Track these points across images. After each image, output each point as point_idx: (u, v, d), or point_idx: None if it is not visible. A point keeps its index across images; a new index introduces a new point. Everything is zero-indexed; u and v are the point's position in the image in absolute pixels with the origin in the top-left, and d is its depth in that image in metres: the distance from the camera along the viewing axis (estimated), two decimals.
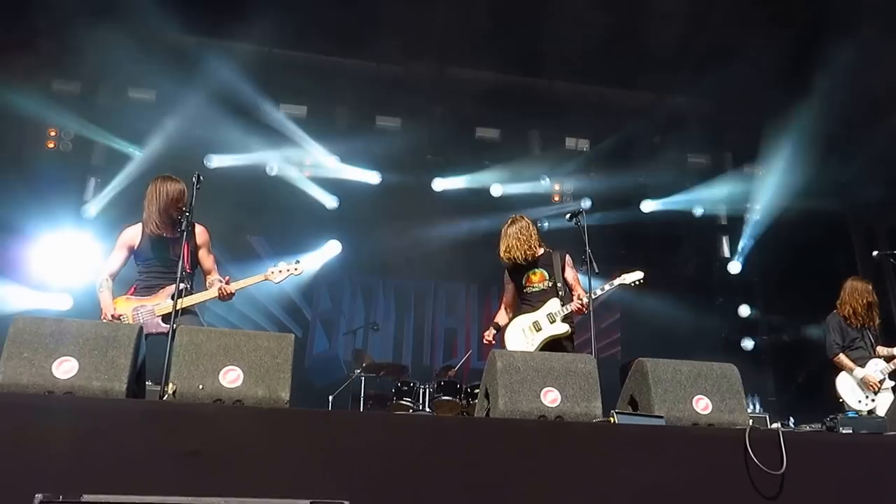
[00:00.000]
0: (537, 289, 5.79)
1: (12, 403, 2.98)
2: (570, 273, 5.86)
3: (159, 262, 4.93)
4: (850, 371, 6.55)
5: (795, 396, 10.12)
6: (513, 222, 5.96)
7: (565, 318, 5.62)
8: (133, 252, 4.99)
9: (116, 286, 4.97)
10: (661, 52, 9.09)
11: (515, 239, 5.80)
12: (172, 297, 4.50)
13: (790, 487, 3.28)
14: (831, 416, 3.77)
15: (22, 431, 2.82)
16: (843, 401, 6.49)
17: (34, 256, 8.95)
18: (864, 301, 6.70)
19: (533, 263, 5.83)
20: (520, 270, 5.87)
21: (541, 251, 5.86)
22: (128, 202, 9.36)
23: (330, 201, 10.44)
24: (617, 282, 5.73)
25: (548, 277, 5.80)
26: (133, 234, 5.00)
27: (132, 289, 4.93)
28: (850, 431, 3.66)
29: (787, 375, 10.59)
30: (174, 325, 3.92)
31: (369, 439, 3.13)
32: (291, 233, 10.13)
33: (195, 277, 5.10)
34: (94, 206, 9.55)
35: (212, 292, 4.87)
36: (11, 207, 8.74)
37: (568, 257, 5.91)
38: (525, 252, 5.75)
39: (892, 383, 6.46)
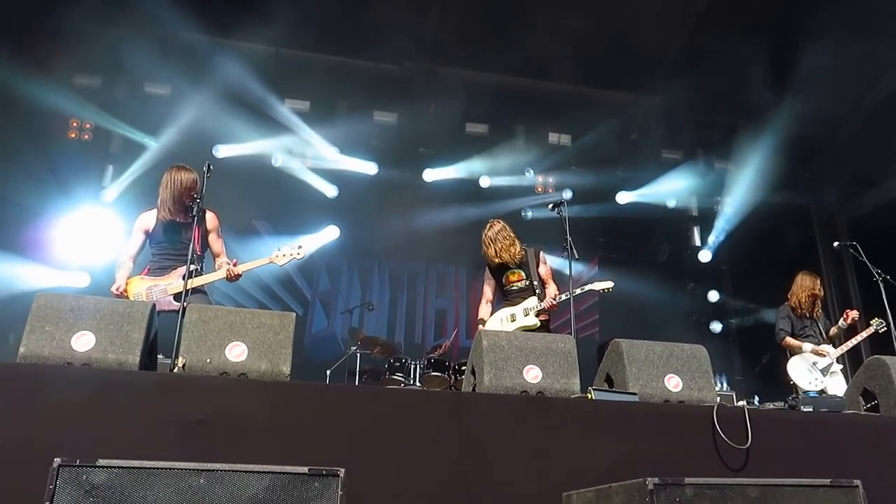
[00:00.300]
0: (516, 287, 5.89)
1: (34, 374, 2.97)
2: (543, 269, 5.92)
3: (171, 245, 4.91)
4: (800, 350, 6.58)
5: (760, 377, 10.17)
6: (492, 226, 6.02)
7: (539, 313, 5.70)
8: (148, 235, 4.96)
9: (136, 268, 4.96)
10: (639, 54, 9.08)
11: (502, 243, 5.87)
12: (183, 278, 4.48)
13: (755, 461, 3.30)
14: (793, 395, 3.79)
15: (43, 400, 2.82)
16: (794, 383, 6.51)
17: (55, 238, 8.89)
18: (809, 293, 6.80)
19: (516, 264, 5.88)
20: (501, 270, 5.93)
21: (521, 252, 5.92)
22: (143, 188, 9.30)
23: (330, 189, 10.42)
24: (587, 287, 5.74)
25: (525, 277, 5.89)
26: (148, 219, 4.98)
27: (146, 269, 4.91)
28: (811, 410, 3.68)
29: (753, 357, 10.65)
30: (185, 304, 3.90)
31: (364, 411, 3.13)
32: (294, 218, 10.11)
33: (205, 260, 5.08)
34: (112, 191, 9.49)
35: (220, 273, 4.85)
36: (34, 192, 8.71)
37: (542, 254, 5.96)
38: (513, 255, 5.84)
39: (841, 366, 6.53)
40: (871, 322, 6.49)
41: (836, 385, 6.36)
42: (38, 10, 8.23)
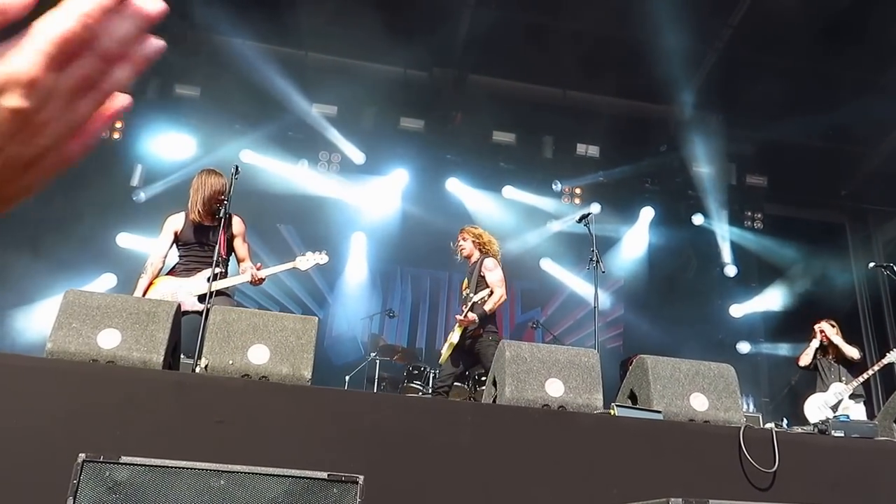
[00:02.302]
0: (464, 297, 5.80)
1: (60, 369, 3.02)
2: (487, 277, 5.72)
3: (199, 248, 4.97)
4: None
5: (789, 399, 10.04)
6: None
7: (469, 328, 5.56)
8: (176, 236, 5.03)
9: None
10: (670, 66, 9.05)
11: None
12: (208, 280, 4.54)
13: (782, 485, 3.25)
14: (823, 420, 3.73)
15: (68, 395, 2.86)
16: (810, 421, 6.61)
17: (84, 236, 9.03)
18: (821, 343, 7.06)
19: (469, 272, 5.82)
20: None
21: (475, 258, 5.82)
22: (171, 190, 9.49)
23: (354, 195, 10.49)
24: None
25: (467, 286, 5.81)
26: (177, 221, 5.05)
27: (172, 270, 4.97)
28: (842, 435, 3.62)
29: (781, 378, 10.51)
30: (209, 305, 3.95)
31: (384, 418, 3.13)
32: (318, 223, 10.18)
33: (230, 263, 5.14)
34: (143, 192, 9.64)
35: (245, 277, 4.90)
36: (64, 191, 8.86)
37: (486, 261, 5.79)
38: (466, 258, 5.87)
39: (856, 400, 6.55)
40: (888, 353, 6.51)
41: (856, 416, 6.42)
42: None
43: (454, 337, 5.57)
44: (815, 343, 6.98)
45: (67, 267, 8.48)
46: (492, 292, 5.55)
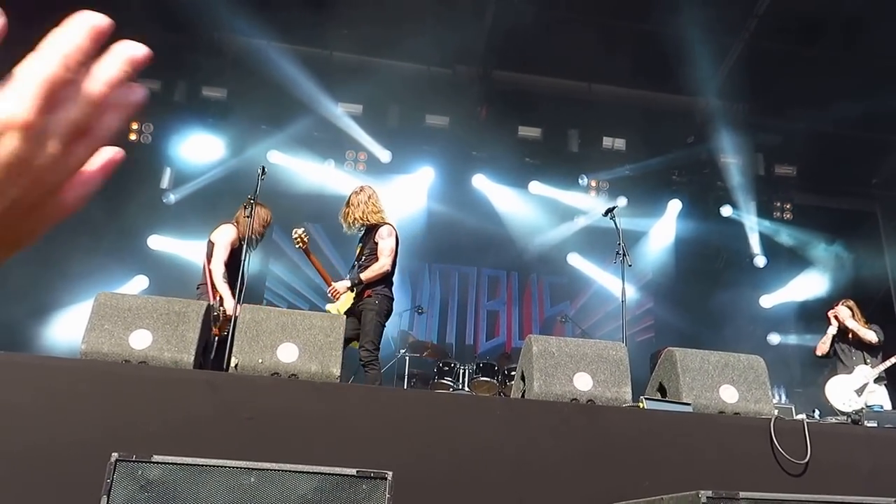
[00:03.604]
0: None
1: (94, 370, 3.07)
2: (379, 246, 5.26)
3: (236, 266, 5.05)
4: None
5: (821, 390, 9.86)
6: (361, 191, 5.64)
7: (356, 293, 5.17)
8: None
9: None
10: (696, 56, 8.93)
11: (352, 206, 5.51)
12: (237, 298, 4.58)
13: (814, 476, 3.19)
14: (856, 410, 3.66)
15: (102, 395, 2.90)
16: (832, 404, 6.48)
17: (116, 239, 9.18)
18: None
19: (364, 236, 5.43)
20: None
21: (373, 221, 5.41)
22: (200, 191, 9.62)
23: (381, 193, 10.47)
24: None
25: (357, 253, 5.41)
26: (235, 238, 5.18)
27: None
28: (875, 425, 3.55)
29: (814, 368, 10.33)
30: (237, 313, 4.00)
31: (413, 415, 3.14)
32: None
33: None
34: (173, 193, 9.77)
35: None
36: (96, 195, 8.99)
37: (381, 229, 5.37)
38: (353, 221, 5.45)
39: (881, 385, 6.42)
40: None
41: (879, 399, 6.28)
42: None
43: (337, 305, 5.21)
44: (831, 330, 6.81)
45: (101, 270, 8.63)
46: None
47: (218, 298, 4.89)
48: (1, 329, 7.54)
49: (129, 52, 0.53)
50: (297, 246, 5.29)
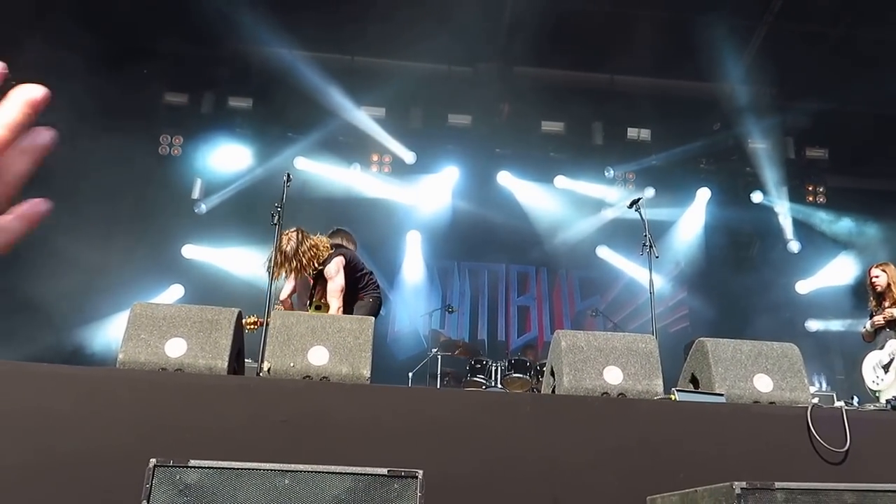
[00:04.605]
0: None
1: (131, 378, 3.13)
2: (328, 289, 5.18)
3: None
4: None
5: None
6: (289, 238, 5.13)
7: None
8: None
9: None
10: (718, 42, 8.80)
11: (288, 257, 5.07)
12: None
13: (853, 465, 3.13)
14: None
15: (139, 403, 2.97)
16: (866, 384, 6.25)
17: (151, 250, 9.35)
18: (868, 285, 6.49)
19: None
20: None
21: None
22: (229, 201, 9.76)
23: (407, 194, 10.55)
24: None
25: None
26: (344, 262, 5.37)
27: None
28: None
29: (854, 355, 10.11)
30: (267, 319, 4.04)
31: (444, 414, 3.15)
32: (373, 223, 10.28)
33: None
34: (204, 203, 9.92)
35: None
36: (130, 209, 9.20)
37: (329, 267, 5.15)
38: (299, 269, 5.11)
39: None
40: None
41: None
42: (127, 34, 8.69)
43: None
44: (876, 318, 6.46)
45: (138, 280, 8.81)
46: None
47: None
48: (45, 341, 7.72)
49: (29, 95, 0.51)
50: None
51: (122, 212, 9.17)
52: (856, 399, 5.84)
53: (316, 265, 5.10)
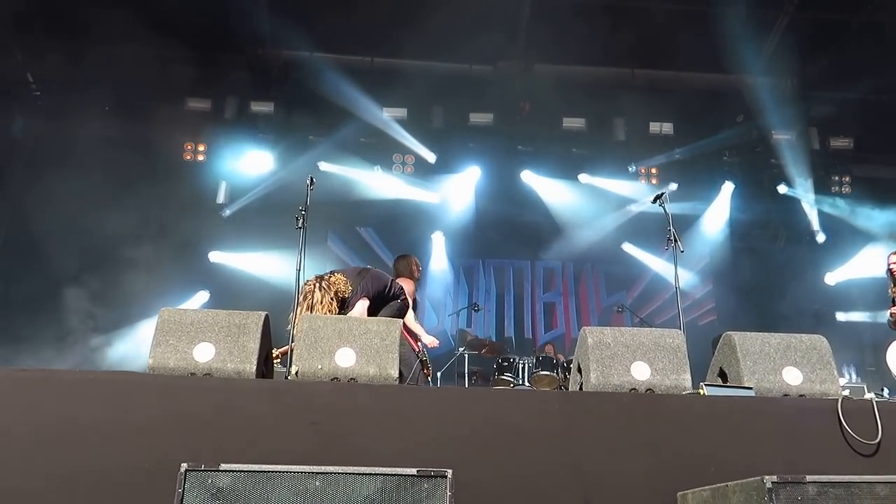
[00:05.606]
0: None
1: (161, 384, 3.17)
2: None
3: None
4: None
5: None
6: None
7: None
8: None
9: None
10: (739, 34, 8.69)
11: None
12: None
13: (885, 457, 3.07)
14: None
15: (170, 408, 3.00)
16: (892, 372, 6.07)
17: (178, 255, 9.45)
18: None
19: None
20: None
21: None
22: (254, 204, 9.84)
23: (430, 194, 10.56)
24: None
25: None
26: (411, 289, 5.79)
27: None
28: None
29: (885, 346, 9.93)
30: (293, 330, 4.07)
31: (471, 412, 3.15)
32: (397, 223, 10.32)
33: None
34: (229, 208, 10.02)
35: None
36: (158, 217, 9.33)
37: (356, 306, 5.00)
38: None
39: None
40: None
41: None
42: (150, 44, 8.81)
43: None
44: None
45: (165, 286, 8.91)
46: None
47: (419, 345, 5.41)
48: (75, 347, 7.86)
49: None
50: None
51: (151, 219, 9.29)
52: (886, 391, 5.72)
53: (338, 308, 4.97)
